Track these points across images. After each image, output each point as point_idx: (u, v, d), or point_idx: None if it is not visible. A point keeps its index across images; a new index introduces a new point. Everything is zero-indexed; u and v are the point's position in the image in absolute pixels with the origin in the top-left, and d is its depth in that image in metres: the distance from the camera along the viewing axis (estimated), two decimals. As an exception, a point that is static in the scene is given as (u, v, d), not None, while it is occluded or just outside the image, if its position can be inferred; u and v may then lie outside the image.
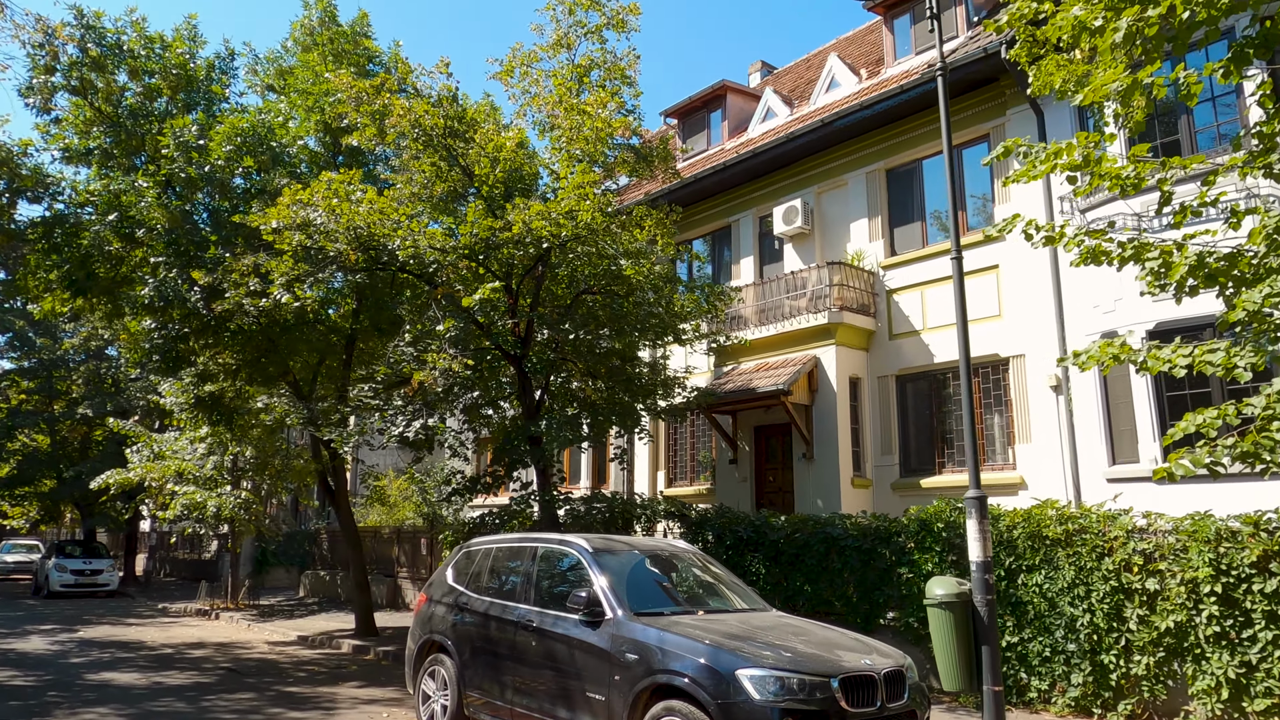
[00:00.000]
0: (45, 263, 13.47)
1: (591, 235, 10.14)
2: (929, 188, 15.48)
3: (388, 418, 10.86)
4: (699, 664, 5.39)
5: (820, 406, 15.22)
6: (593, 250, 10.21)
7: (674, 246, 11.02)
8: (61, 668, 11.79)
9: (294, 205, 9.95)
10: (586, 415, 11.08)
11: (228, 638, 15.71)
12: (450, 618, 7.68)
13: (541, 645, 6.58)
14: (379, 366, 9.85)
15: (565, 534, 7.44)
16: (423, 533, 19.46)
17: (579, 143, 10.31)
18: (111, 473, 21.10)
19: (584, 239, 10.25)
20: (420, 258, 10.24)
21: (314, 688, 10.37)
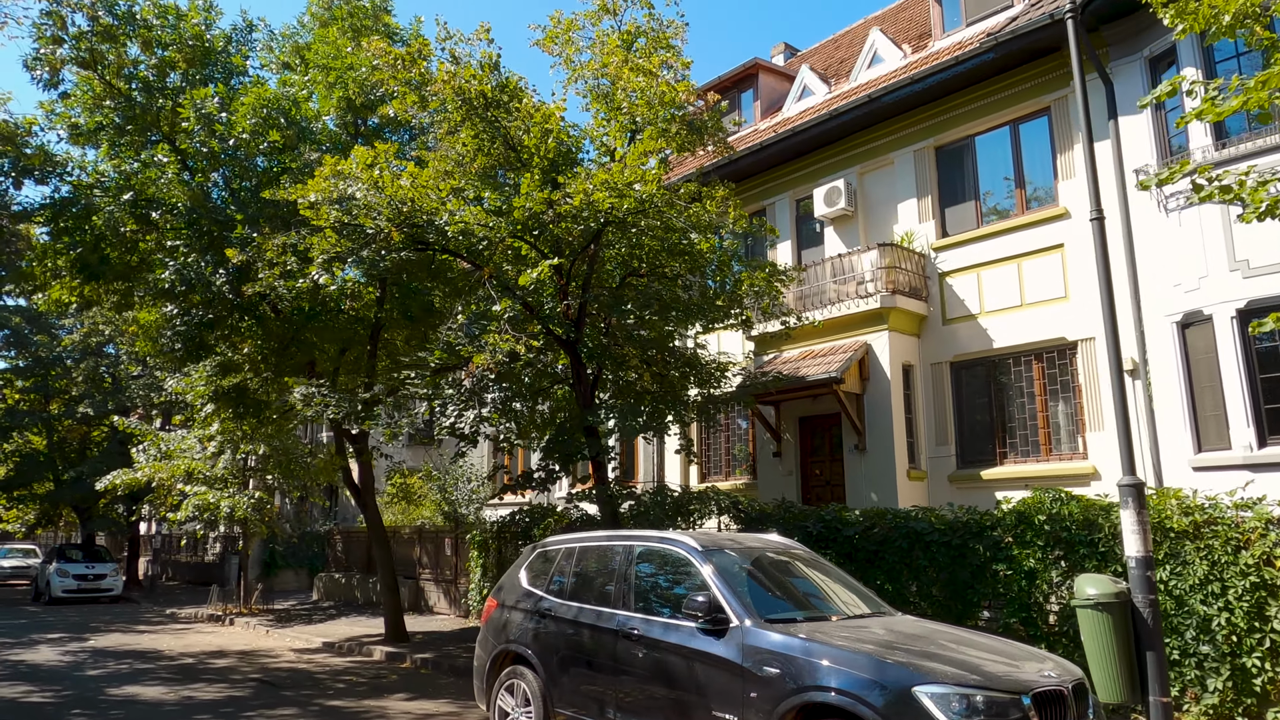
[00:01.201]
0: (55, 247, 12.60)
1: (655, 209, 9.36)
2: (983, 165, 14.75)
3: (435, 408, 10.04)
4: (863, 679, 4.63)
5: (872, 395, 14.49)
6: (657, 224, 9.43)
7: (745, 220, 10.24)
8: (79, 681, 10.96)
9: (334, 177, 9.14)
10: (646, 404, 10.30)
11: (248, 645, 14.87)
12: (530, 625, 6.90)
13: (649, 657, 5.81)
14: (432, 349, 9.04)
15: (665, 532, 6.67)
16: (446, 532, 18.65)
17: (640, 108, 9.52)
18: (118, 473, 20.22)
19: (646, 212, 9.47)
20: (470, 234, 9.44)
21: (359, 700, 9.58)
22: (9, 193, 12.14)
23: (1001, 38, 13.16)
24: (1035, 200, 13.93)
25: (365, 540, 21.75)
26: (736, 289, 10.40)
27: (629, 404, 9.94)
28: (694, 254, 9.81)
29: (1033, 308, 13.46)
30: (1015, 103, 14.04)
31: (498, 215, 9.71)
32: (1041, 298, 13.38)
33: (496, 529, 16.88)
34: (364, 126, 14.47)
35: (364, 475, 14.45)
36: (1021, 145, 14.21)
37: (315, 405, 10.18)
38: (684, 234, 9.55)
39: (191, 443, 20.38)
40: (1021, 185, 14.12)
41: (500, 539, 16.82)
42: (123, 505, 29.32)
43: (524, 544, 16.24)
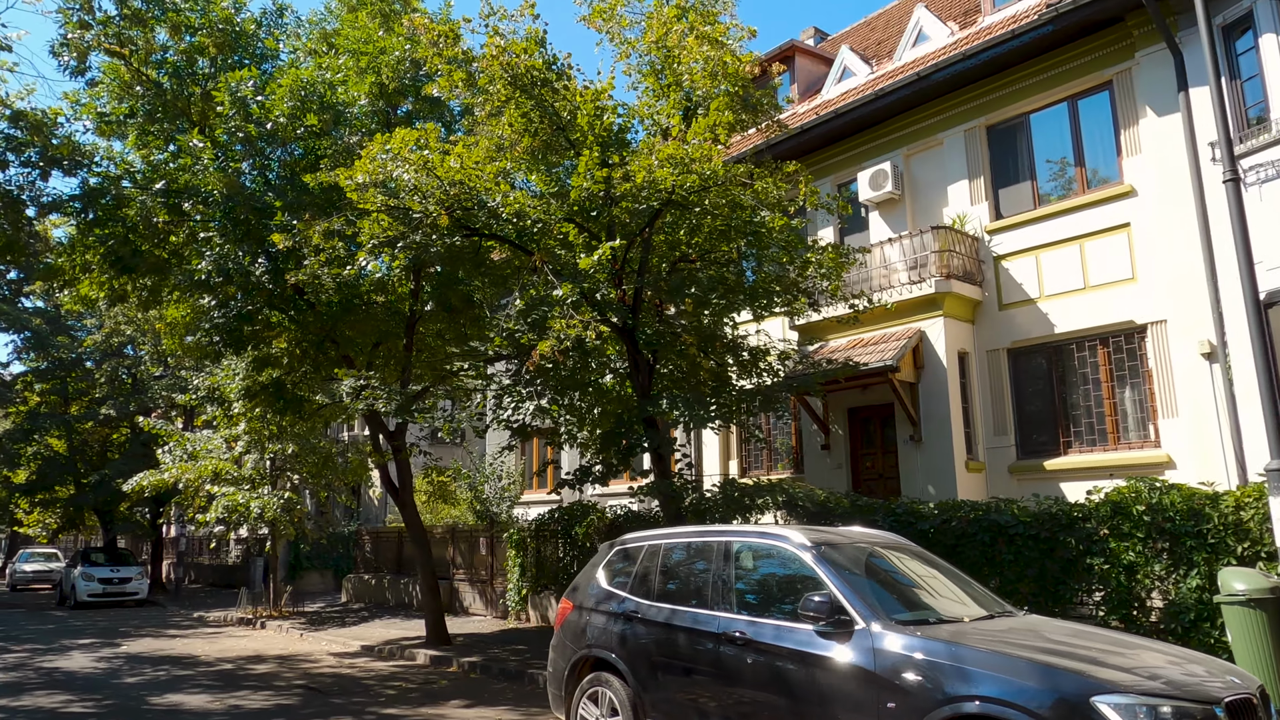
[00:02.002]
0: (84, 241, 12.18)
1: (720, 186, 8.85)
2: (1039, 144, 14.19)
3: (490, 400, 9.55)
4: (1029, 687, 4.12)
5: (927, 384, 13.96)
6: (722, 202, 8.92)
7: (816, 195, 9.73)
8: (118, 690, 10.54)
9: (383, 156, 8.67)
10: (708, 394, 9.79)
11: (285, 649, 14.45)
12: (615, 629, 6.41)
13: (759, 663, 5.31)
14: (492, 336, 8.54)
15: (764, 526, 6.17)
16: (480, 532, 18.19)
17: (701, 80, 9.01)
18: (145, 474, 19.86)
19: (709, 190, 8.97)
20: (524, 216, 8.96)
21: (414, 709, 9.11)
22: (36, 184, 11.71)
23: (1062, 9, 12.58)
24: (1097, 179, 13.37)
25: (395, 540, 21.34)
26: (803, 270, 9.86)
27: (695, 393, 9.42)
28: (762, 234, 9.30)
29: (1097, 290, 12.90)
30: (1073, 78, 13.48)
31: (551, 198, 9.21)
32: (1107, 280, 12.82)
33: (534, 528, 16.43)
34: (394, 115, 14.00)
35: (402, 473, 13.99)
36: (1081, 122, 13.65)
37: (365, 398, 9.71)
38: (753, 212, 9.04)
39: (218, 443, 20.01)
40: (1081, 164, 13.56)
41: (538, 538, 16.37)
42: (146, 508, 29.01)
43: (564, 543, 15.81)
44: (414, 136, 9.01)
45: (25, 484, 29.19)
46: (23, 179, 11.78)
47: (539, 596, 16.09)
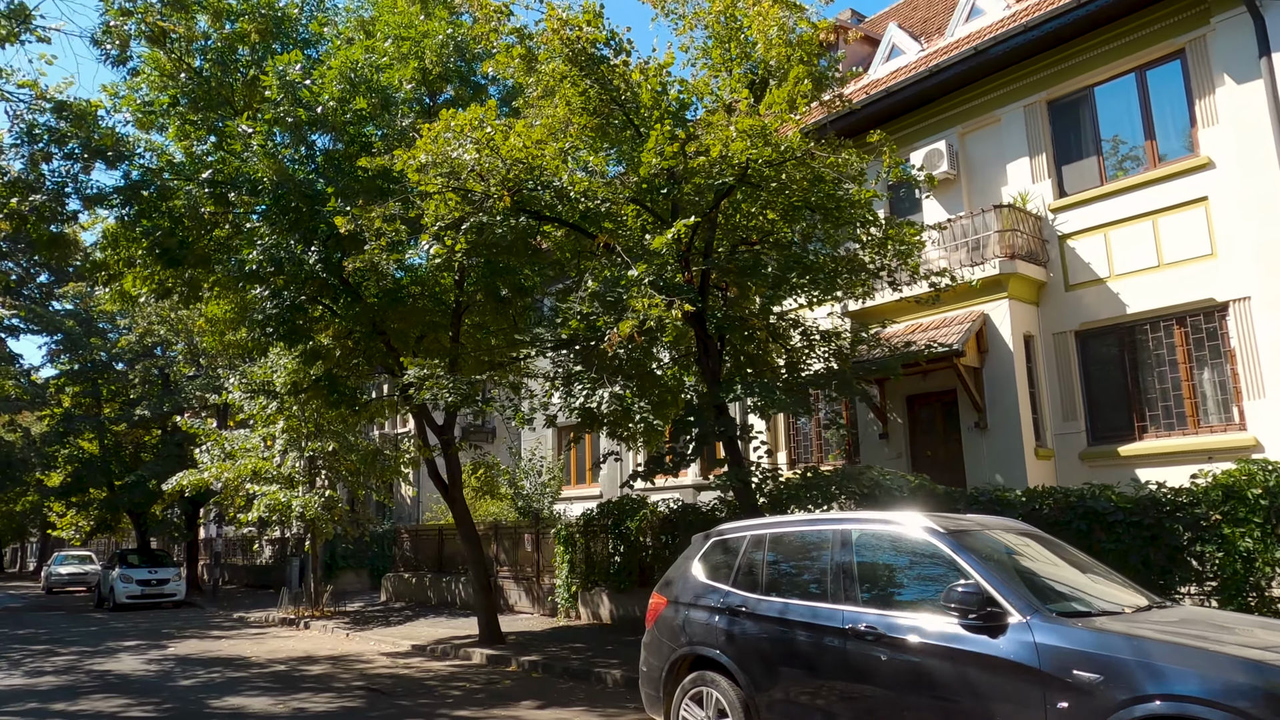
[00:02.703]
0: (127, 234, 11.90)
1: (796, 159, 8.43)
2: (1104, 117, 13.66)
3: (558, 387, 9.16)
4: (1237, 684, 3.68)
5: (992, 369, 13.47)
6: (799, 175, 8.49)
7: (900, 167, 9.29)
8: (175, 693, 10.26)
9: (448, 134, 8.30)
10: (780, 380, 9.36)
11: (335, 650, 14.16)
12: (719, 625, 6.01)
13: (895, 660, 4.90)
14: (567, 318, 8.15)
15: (886, 513, 5.74)
16: (525, 528, 17.85)
17: (775, 49, 8.58)
18: (184, 474, 19.67)
19: (784, 164, 8.55)
20: (591, 196, 8.58)
21: (485, 710, 8.76)
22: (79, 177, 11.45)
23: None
24: (1170, 152, 12.83)
25: (435, 538, 21.05)
26: (881, 248, 9.42)
27: (770, 379, 9.00)
28: (843, 209, 8.86)
29: (1173, 268, 12.37)
30: (1142, 47, 12.94)
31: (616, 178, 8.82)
32: (1183, 256, 12.29)
33: (582, 523, 16.05)
34: (434, 103, 13.65)
35: (451, 468, 13.65)
36: (1150, 93, 13.11)
37: (429, 388, 9.36)
38: (835, 185, 8.61)
39: (255, 442, 19.80)
40: (1152, 136, 13.02)
41: (587, 534, 15.99)
42: (180, 509, 28.92)
43: (614, 538, 15.42)
44: (476, 115, 8.64)
45: (60, 487, 29.15)
46: (64, 173, 11.52)
47: (589, 593, 15.73)
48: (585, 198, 8.63)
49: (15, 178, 11.22)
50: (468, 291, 12.94)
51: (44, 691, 10.54)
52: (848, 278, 9.50)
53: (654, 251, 8.65)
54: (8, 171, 11.17)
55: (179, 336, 25.30)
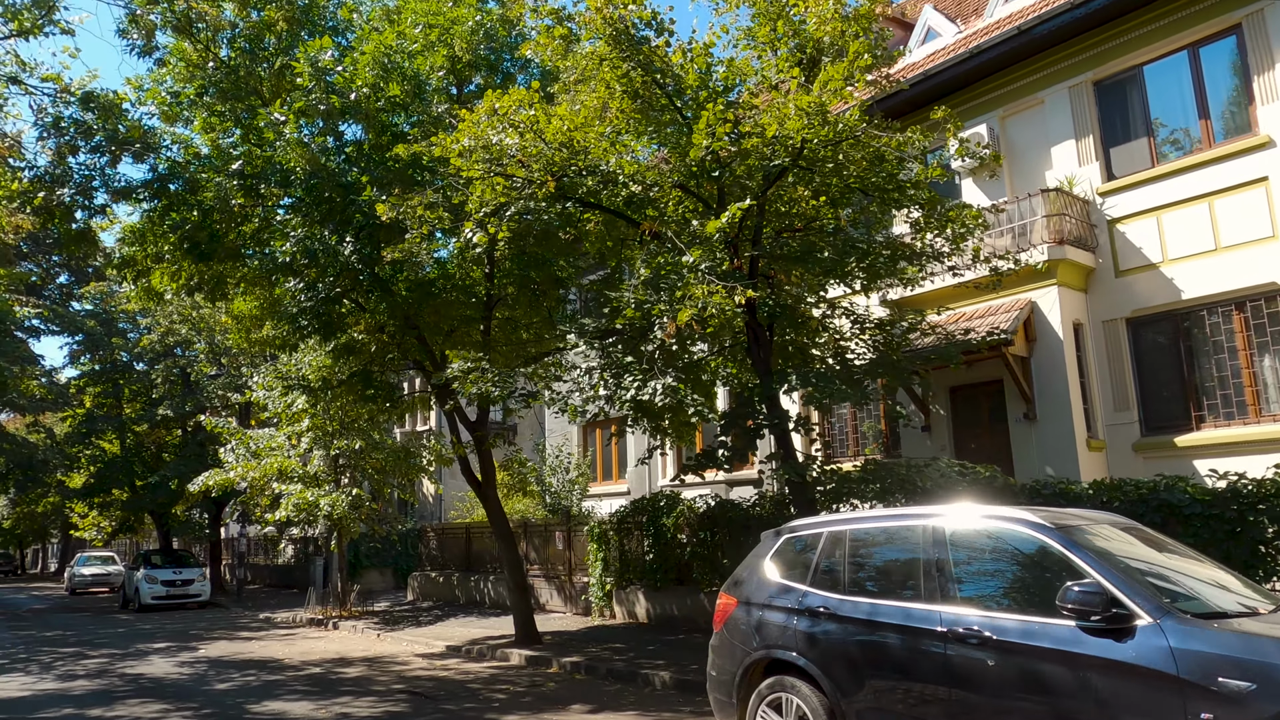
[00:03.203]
0: (155, 230, 11.65)
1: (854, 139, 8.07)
2: (1155, 97, 13.21)
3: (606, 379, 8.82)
4: None
5: (1041, 358, 13.08)
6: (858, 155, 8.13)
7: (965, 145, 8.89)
8: (212, 697, 10.01)
9: (489, 116, 7.98)
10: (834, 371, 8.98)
11: (368, 651, 13.90)
12: (798, 628, 5.67)
13: (1006, 665, 4.55)
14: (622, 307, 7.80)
15: (983, 506, 5.39)
16: (556, 526, 17.55)
17: (829, 24, 8.20)
18: (210, 474, 19.48)
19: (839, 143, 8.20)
20: (640, 180, 8.24)
21: (535, 714, 8.45)
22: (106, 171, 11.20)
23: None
24: (1226, 131, 12.37)
25: (462, 537, 20.79)
26: (941, 230, 9.03)
27: (826, 368, 8.64)
28: (903, 191, 8.50)
29: (1231, 251, 11.94)
30: (1194, 23, 12.49)
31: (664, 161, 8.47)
32: (1242, 239, 11.85)
33: (616, 520, 15.74)
34: (462, 92, 13.34)
35: (485, 465, 13.36)
36: (1204, 70, 12.65)
37: (473, 381, 9.04)
38: (898, 165, 8.25)
39: (280, 441, 19.58)
40: (1206, 116, 12.57)
41: (621, 531, 15.68)
42: (203, 509, 28.80)
43: (649, 536, 15.09)
44: (519, 96, 8.31)
45: (83, 487, 29.06)
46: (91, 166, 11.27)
47: (624, 592, 15.41)
48: (634, 181, 8.29)
49: (42, 171, 10.99)
50: (499, 284, 12.64)
51: (77, 697, 10.32)
52: (903, 264, 9.12)
53: (703, 238, 8.30)
54: (34, 165, 10.94)
55: (200, 335, 25.12)
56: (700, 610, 13.77)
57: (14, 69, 12.63)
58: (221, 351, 25.68)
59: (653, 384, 8.29)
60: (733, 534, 13.32)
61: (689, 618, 13.94)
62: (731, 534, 13.32)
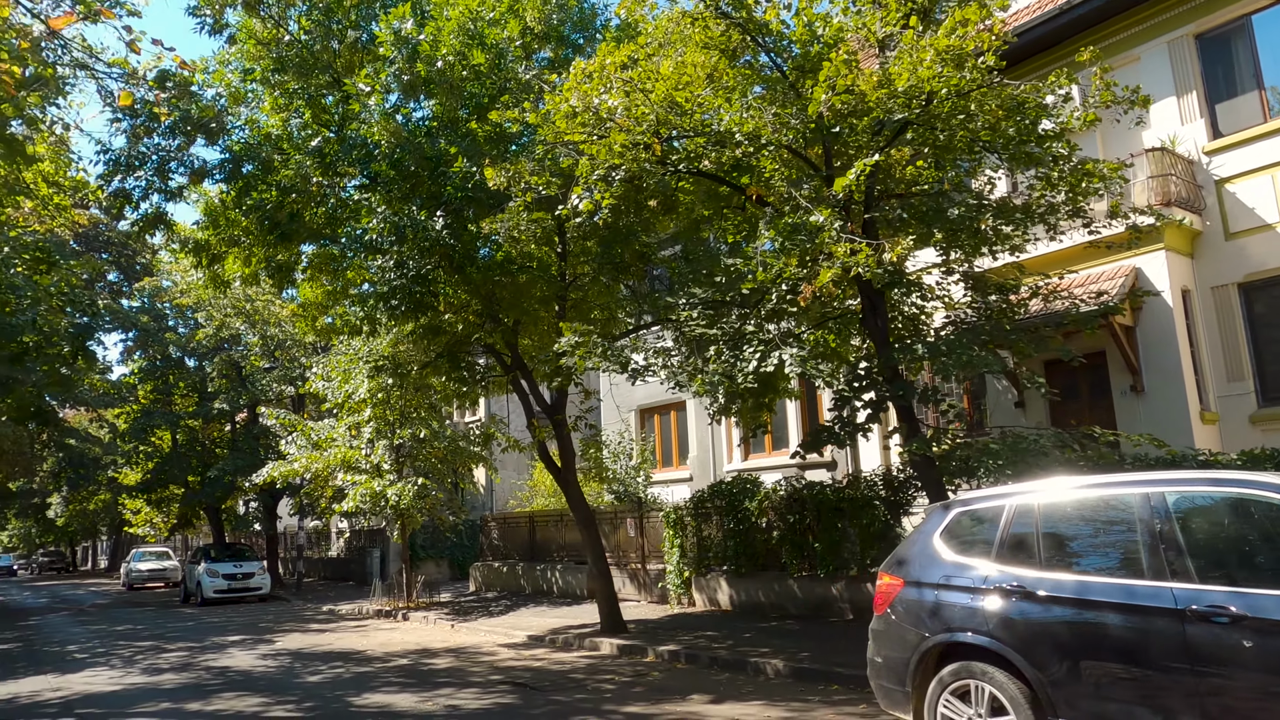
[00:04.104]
0: (228, 213, 11.36)
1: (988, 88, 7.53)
2: (1264, 48, 12.46)
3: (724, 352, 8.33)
4: None
5: (1147, 327, 12.42)
6: (995, 104, 7.58)
7: (1111, 90, 8.32)
8: (307, 690, 9.72)
9: (602, 72, 7.53)
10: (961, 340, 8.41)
11: (448, 642, 13.61)
12: (989, 608, 5.17)
13: (1265, 647, 4.03)
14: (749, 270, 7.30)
15: (1215, 472, 4.87)
16: (627, 512, 17.16)
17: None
18: (274, 465, 19.32)
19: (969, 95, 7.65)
20: (755, 138, 7.75)
21: (655, 706, 8.03)
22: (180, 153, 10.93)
23: None
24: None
25: (525, 525, 20.49)
26: (1076, 186, 8.45)
27: (953, 337, 8.10)
28: (1045, 141, 7.95)
29: (1361, 208, 11.21)
30: (1309, -34, 11.74)
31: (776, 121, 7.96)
32: (1374, 196, 11.12)
33: (693, 505, 15.30)
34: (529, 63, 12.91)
35: (565, 450, 12.97)
36: (1316, 18, 11.89)
37: (580, 353, 8.63)
38: (1040, 112, 7.71)
39: (341, 431, 19.36)
40: (1316, 69, 11.81)
41: (698, 516, 15.24)
42: (259, 502, 28.79)
43: (730, 520, 14.62)
44: (629, 51, 7.86)
45: (141, 483, 29.17)
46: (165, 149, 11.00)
47: (704, 579, 14.97)
48: (749, 140, 7.79)
49: (116, 156, 10.73)
50: (572, 263, 12.23)
51: (170, 690, 10.09)
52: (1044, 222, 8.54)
53: (819, 199, 7.79)
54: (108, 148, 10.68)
55: (254, 328, 25.01)
56: (790, 596, 13.30)
57: (81, 54, 12.38)
58: (276, 344, 25.56)
59: (776, 354, 7.81)
60: (824, 517, 12.84)
61: (777, 604, 13.48)
62: (823, 517, 12.85)
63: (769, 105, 8.27)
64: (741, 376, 7.84)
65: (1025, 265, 12.63)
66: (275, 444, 27.60)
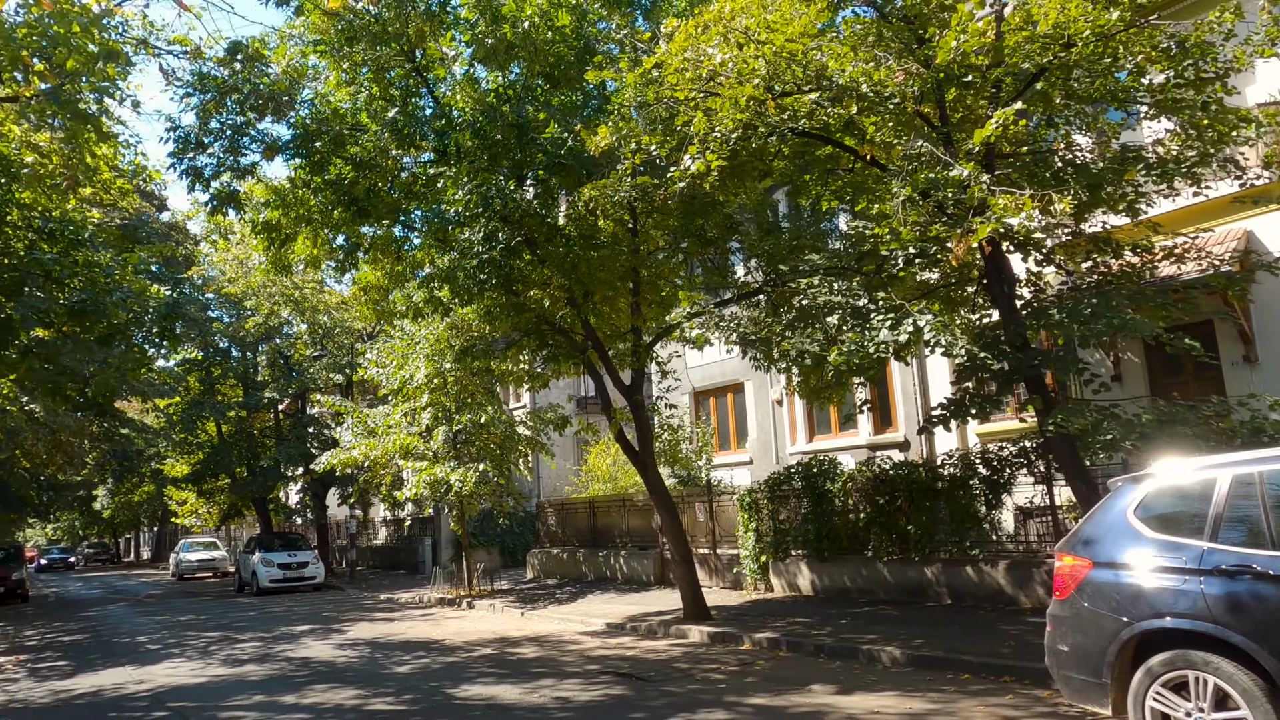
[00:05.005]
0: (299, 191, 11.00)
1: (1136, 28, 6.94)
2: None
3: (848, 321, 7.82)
4: None
5: (1263, 294, 11.72)
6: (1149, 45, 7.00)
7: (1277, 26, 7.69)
8: (402, 681, 9.39)
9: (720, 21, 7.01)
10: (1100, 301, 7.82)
11: (523, 630, 13.26)
12: (1208, 590, 4.65)
13: None
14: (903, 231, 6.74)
15: None
16: (696, 496, 16.71)
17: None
18: (334, 453, 19.10)
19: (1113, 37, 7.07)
20: (880, 90, 7.21)
21: (780, 697, 7.59)
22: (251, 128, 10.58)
23: None
24: None
25: (585, 511, 20.14)
26: (1224, 135, 7.82)
27: (1096, 300, 7.51)
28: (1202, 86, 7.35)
29: None
30: None
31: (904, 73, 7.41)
32: None
33: (769, 488, 14.82)
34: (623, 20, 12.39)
35: (643, 433, 12.52)
36: None
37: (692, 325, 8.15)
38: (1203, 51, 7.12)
39: (397, 418, 19.09)
40: None
41: (774, 498, 14.76)
42: (308, 491, 28.71)
43: (808, 503, 14.10)
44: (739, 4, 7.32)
45: (191, 474, 29.19)
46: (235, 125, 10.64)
47: (782, 564, 14.51)
48: (874, 93, 7.25)
49: (187, 133, 10.39)
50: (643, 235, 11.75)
51: (259, 682, 9.80)
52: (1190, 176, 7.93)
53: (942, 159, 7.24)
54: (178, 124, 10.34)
55: (303, 315, 24.80)
56: (879, 580, 12.80)
57: (141, 31, 12.05)
58: (324, 332, 25.36)
59: (908, 322, 7.29)
60: (916, 499, 12.32)
61: (865, 589, 12.98)
62: (915, 499, 12.33)
63: (888, 55, 7.72)
64: (873, 346, 7.34)
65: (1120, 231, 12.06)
66: (323, 433, 27.49)
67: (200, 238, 30.63)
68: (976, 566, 11.55)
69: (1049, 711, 6.59)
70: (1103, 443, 7.39)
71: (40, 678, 11.22)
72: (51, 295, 10.63)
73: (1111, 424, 7.41)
